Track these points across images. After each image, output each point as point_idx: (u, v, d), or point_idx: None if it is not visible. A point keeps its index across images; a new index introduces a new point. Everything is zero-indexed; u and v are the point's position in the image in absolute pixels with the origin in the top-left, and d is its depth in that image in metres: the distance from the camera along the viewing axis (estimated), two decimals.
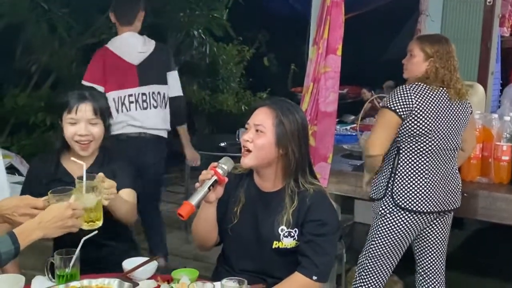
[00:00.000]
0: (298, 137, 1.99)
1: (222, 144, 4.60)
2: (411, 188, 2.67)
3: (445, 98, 2.68)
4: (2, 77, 5.69)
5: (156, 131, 3.53)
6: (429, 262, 2.87)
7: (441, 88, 2.68)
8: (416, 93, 2.64)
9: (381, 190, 2.76)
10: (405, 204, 2.67)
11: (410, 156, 2.69)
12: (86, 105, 2.18)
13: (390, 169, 2.73)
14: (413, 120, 2.63)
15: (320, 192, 2.03)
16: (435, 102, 2.65)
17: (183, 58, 7.15)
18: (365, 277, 2.82)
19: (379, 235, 2.75)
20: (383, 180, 2.76)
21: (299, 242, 1.98)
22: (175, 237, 4.68)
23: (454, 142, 2.73)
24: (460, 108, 2.73)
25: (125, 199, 2.21)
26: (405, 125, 2.65)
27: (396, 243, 2.74)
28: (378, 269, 2.79)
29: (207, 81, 7.60)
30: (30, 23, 5.16)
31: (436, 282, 2.88)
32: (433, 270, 2.87)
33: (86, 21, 5.71)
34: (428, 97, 2.65)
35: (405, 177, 2.68)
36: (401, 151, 2.70)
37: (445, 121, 2.67)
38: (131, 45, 3.48)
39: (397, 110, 2.63)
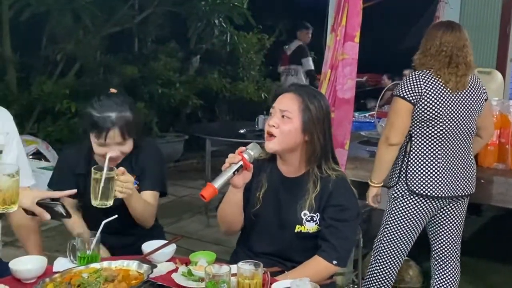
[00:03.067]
0: (323, 123, 1.99)
1: (242, 131, 4.65)
2: (424, 173, 2.69)
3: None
4: (29, 65, 5.84)
5: None
6: (444, 247, 2.89)
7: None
8: (424, 79, 2.65)
9: (395, 177, 2.79)
10: (418, 189, 2.69)
11: (423, 141, 2.71)
12: (114, 131, 2.12)
13: (403, 156, 2.75)
14: (423, 105, 2.64)
15: (342, 178, 2.04)
16: (445, 88, 2.65)
17: (204, 46, 7.24)
18: (380, 260, 2.87)
19: (392, 219, 2.79)
20: (396, 167, 2.78)
21: (320, 227, 2.00)
22: (196, 222, 4.79)
23: (467, 128, 2.73)
24: (473, 94, 2.72)
25: (145, 199, 2.24)
26: (416, 111, 2.66)
27: (408, 227, 2.77)
28: (392, 252, 2.83)
29: (227, 69, 7.68)
30: (55, 13, 5.25)
31: (451, 267, 2.91)
32: (447, 255, 2.90)
33: (109, 11, 5.81)
34: (437, 83, 2.65)
35: (418, 162, 2.70)
36: (413, 137, 2.72)
37: (456, 106, 2.67)
38: (290, 46, 7.21)
39: (407, 97, 2.64)
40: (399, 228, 2.78)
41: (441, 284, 2.92)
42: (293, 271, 1.96)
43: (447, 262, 2.91)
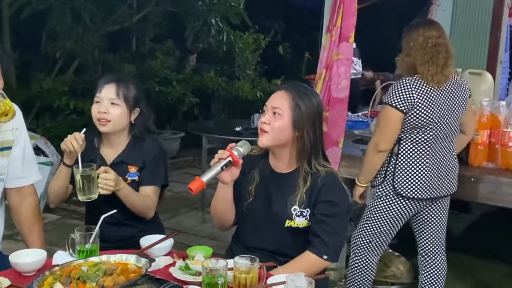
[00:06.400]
0: (314, 120, 2.04)
1: (237, 129, 4.69)
2: (412, 176, 2.71)
3: (443, 88, 2.72)
4: (29, 62, 5.87)
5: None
6: (430, 243, 2.94)
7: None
8: (415, 86, 2.65)
9: (380, 177, 2.82)
10: (405, 192, 2.72)
11: (411, 145, 2.73)
12: (110, 86, 2.30)
13: (389, 157, 2.77)
14: (415, 113, 2.65)
15: (331, 174, 2.08)
16: (435, 93, 2.67)
17: (201, 45, 7.27)
18: (358, 255, 2.91)
19: (374, 217, 2.82)
20: (383, 167, 2.81)
21: (310, 222, 2.04)
22: (192, 217, 4.84)
23: (453, 129, 2.78)
24: (458, 92, 2.76)
25: (141, 194, 2.33)
26: (408, 118, 2.67)
27: (389, 225, 2.80)
28: (370, 249, 2.87)
29: (224, 68, 7.70)
30: (55, 11, 5.26)
31: (438, 263, 2.96)
32: (434, 251, 2.94)
33: (108, 9, 5.83)
34: (427, 89, 2.66)
35: (406, 165, 2.72)
36: (402, 141, 2.74)
37: (445, 110, 2.70)
38: None
39: (399, 106, 2.64)
40: (379, 226, 2.82)
41: (428, 280, 2.97)
42: (284, 266, 1.98)
43: (434, 258, 2.96)
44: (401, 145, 2.75)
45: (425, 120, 2.68)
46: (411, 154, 2.74)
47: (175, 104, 7.12)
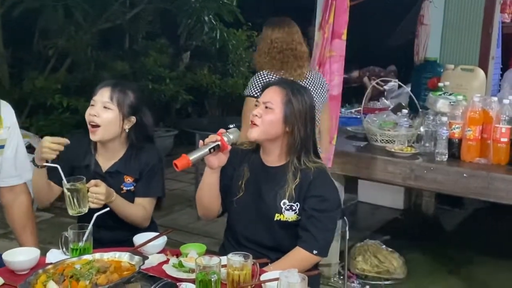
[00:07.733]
0: (305, 117, 2.05)
1: (231, 126, 4.70)
2: None
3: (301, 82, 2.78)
4: (21, 60, 5.85)
5: None
6: None
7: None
8: (270, 77, 2.75)
9: None
10: None
11: None
12: (105, 90, 2.24)
13: None
14: None
15: (322, 170, 2.09)
16: None
17: (194, 43, 7.26)
18: None
19: None
20: None
21: (299, 217, 2.04)
22: (186, 214, 4.83)
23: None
24: (316, 87, 2.86)
25: (135, 205, 2.29)
26: None
27: None
28: None
29: (217, 66, 7.68)
30: (47, 9, 5.25)
31: None
32: None
33: (101, 7, 5.81)
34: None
35: None
36: None
37: None
38: None
39: (257, 95, 2.66)
40: None
41: None
42: (275, 263, 1.98)
43: None
44: None
45: None
46: None
47: (169, 102, 7.11)
